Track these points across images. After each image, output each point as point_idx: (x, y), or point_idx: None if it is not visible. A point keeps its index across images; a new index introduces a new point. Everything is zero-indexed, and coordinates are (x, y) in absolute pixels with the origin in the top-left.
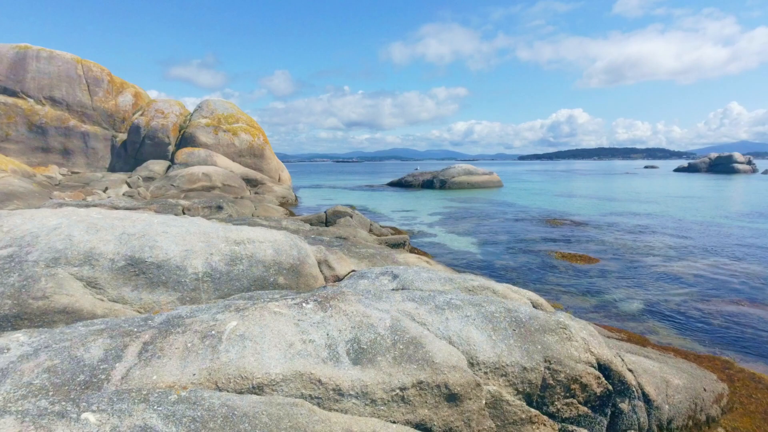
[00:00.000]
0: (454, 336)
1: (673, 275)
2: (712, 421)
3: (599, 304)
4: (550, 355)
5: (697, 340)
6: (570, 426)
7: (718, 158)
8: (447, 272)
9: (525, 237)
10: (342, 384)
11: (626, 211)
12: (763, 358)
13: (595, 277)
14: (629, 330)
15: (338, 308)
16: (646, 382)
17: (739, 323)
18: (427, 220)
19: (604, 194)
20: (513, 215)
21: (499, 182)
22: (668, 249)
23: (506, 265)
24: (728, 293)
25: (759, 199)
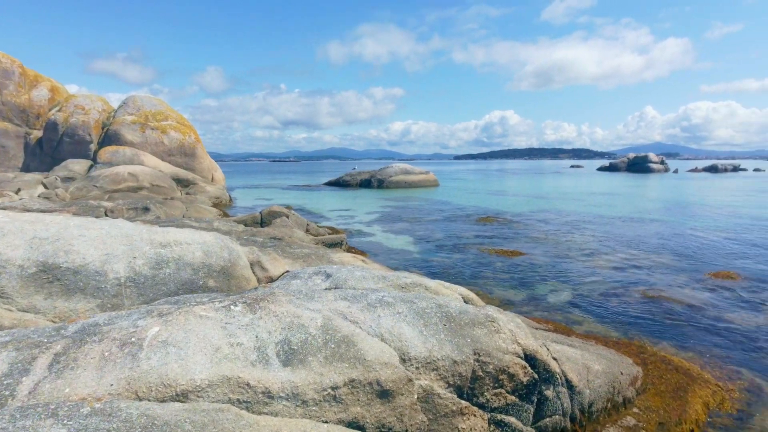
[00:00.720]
0: (386, 333)
1: (595, 268)
2: (628, 402)
3: (529, 297)
4: (479, 348)
5: (616, 327)
6: (499, 415)
7: (636, 158)
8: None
9: (460, 234)
10: (272, 386)
11: (554, 208)
12: (672, 341)
13: (525, 271)
14: (555, 321)
15: (268, 309)
16: (569, 369)
17: (652, 310)
18: (364, 219)
19: (534, 192)
20: (449, 213)
21: (436, 181)
22: (591, 243)
23: (442, 262)
24: (643, 283)
25: (670, 196)
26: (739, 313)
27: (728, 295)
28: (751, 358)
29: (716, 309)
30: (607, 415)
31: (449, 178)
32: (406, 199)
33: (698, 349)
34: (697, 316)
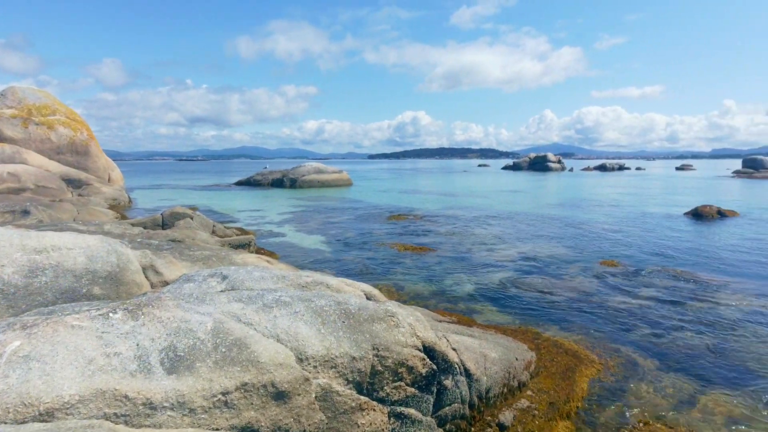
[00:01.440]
0: (282, 333)
1: (497, 260)
2: (523, 385)
3: (436, 291)
4: (378, 343)
5: (515, 316)
6: (399, 408)
7: (536, 158)
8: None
9: (372, 232)
10: (154, 397)
11: (462, 205)
12: (563, 325)
13: (433, 266)
14: (459, 312)
15: (152, 315)
16: (468, 358)
17: (547, 297)
18: (276, 220)
19: (444, 190)
20: (361, 212)
21: (349, 181)
22: (494, 237)
23: (353, 260)
24: (540, 273)
25: (566, 193)
26: (619, 297)
27: (611, 281)
28: (628, 336)
29: (601, 294)
30: (504, 399)
31: (363, 177)
32: (319, 199)
33: (585, 331)
34: (585, 301)
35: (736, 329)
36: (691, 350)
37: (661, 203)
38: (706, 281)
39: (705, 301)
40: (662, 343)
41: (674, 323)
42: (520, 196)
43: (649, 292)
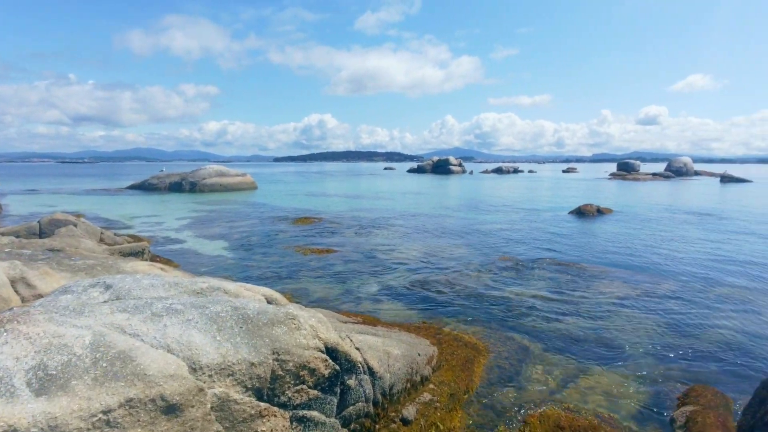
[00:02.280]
0: (173, 343)
1: (402, 259)
2: (425, 379)
3: (341, 292)
4: (278, 347)
5: (419, 312)
6: (301, 411)
7: (439, 161)
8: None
9: (277, 236)
10: (19, 422)
11: (368, 207)
12: (462, 318)
13: (340, 267)
14: (364, 312)
15: (17, 332)
16: (371, 357)
17: (449, 293)
18: (174, 225)
19: (351, 193)
20: (266, 216)
21: (254, 184)
22: (399, 238)
23: (257, 264)
24: (442, 270)
25: (466, 195)
26: (512, 289)
27: (505, 275)
28: (520, 325)
29: (496, 287)
30: (407, 395)
31: (268, 180)
32: (222, 203)
33: (482, 323)
34: (482, 295)
35: (611, 313)
36: (574, 333)
37: (550, 203)
38: (587, 271)
39: (586, 288)
40: (549, 328)
41: (560, 310)
42: (424, 198)
43: (538, 284)
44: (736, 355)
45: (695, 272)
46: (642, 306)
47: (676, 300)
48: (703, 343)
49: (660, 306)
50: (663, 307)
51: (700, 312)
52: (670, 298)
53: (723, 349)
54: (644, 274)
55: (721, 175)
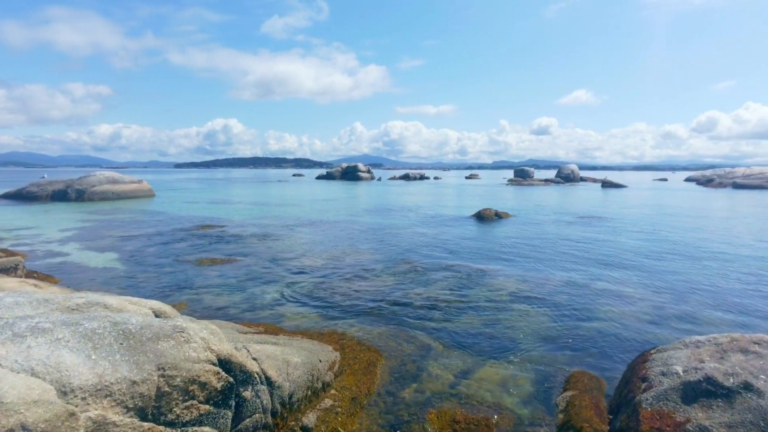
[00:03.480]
0: (38, 365)
1: (307, 267)
2: (327, 386)
3: (242, 302)
4: (164, 362)
5: (324, 319)
6: (192, 428)
7: (348, 168)
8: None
9: (176, 246)
10: None
11: (274, 214)
12: (367, 322)
13: (241, 276)
14: (267, 322)
15: None
16: (269, 366)
17: (354, 297)
18: (57, 238)
19: (258, 200)
20: (164, 225)
21: (151, 191)
22: (305, 244)
23: (150, 276)
24: (347, 275)
25: (374, 201)
26: (416, 290)
27: (410, 277)
28: (422, 324)
29: (401, 290)
30: (308, 402)
31: (168, 187)
32: (114, 212)
33: (386, 325)
34: (387, 298)
35: (505, 309)
36: (472, 330)
37: (453, 208)
38: (484, 271)
39: (483, 287)
40: (449, 326)
41: (459, 308)
42: (332, 205)
43: (439, 284)
44: (611, 342)
45: (579, 269)
46: (532, 301)
47: (561, 295)
48: (584, 332)
49: (548, 300)
50: (550, 301)
51: (582, 305)
52: (556, 293)
53: (601, 337)
54: (535, 272)
55: (602, 180)
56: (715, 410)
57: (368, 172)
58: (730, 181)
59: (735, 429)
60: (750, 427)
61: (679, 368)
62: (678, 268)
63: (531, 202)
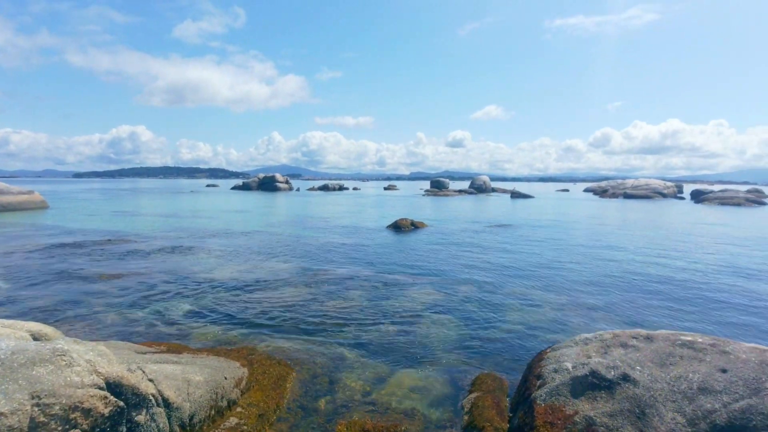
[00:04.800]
0: None
1: (218, 280)
2: (233, 403)
3: (145, 321)
4: (40, 389)
5: (233, 334)
6: None
7: (265, 178)
8: None
9: (71, 262)
10: None
11: (185, 227)
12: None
13: (146, 293)
14: (173, 340)
15: None
16: (167, 387)
17: (265, 312)
18: None
19: (167, 211)
20: (59, 239)
21: (44, 203)
22: (216, 257)
23: (36, 296)
24: (259, 288)
25: (292, 212)
26: (331, 302)
27: (325, 289)
28: (337, 336)
29: (311, 302)
30: (212, 422)
31: (66, 198)
32: None
33: (299, 338)
34: (300, 311)
35: (419, 317)
36: (386, 339)
37: (371, 218)
38: (399, 280)
39: (398, 297)
40: (364, 336)
41: (374, 318)
42: (248, 216)
43: (355, 294)
44: (516, 344)
45: (489, 275)
46: (445, 308)
47: (472, 301)
48: (492, 336)
49: (459, 307)
50: (462, 307)
51: (491, 309)
52: (467, 300)
53: (507, 340)
54: (448, 279)
55: (511, 191)
56: (599, 401)
57: (286, 183)
58: (622, 191)
59: (615, 417)
60: (628, 414)
61: (569, 364)
62: (577, 273)
63: (446, 212)
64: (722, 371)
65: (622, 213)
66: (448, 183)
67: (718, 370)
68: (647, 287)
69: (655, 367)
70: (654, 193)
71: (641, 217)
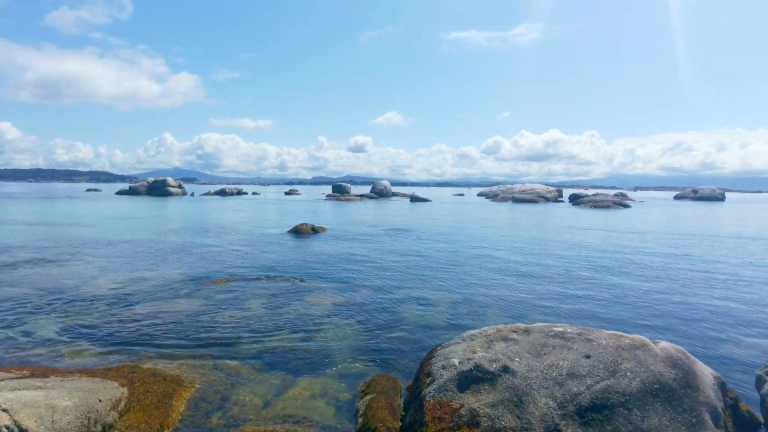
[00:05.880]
0: None
1: (100, 294)
2: (110, 427)
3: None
4: None
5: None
6: None
7: (155, 182)
8: None
9: None
10: None
11: (61, 236)
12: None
13: (9, 312)
14: (41, 363)
15: None
16: (26, 416)
17: (152, 326)
18: None
19: (37, 219)
20: None
21: None
22: (97, 269)
23: None
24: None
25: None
26: (227, 312)
27: (219, 298)
28: (232, 348)
29: (209, 313)
30: None
31: None
32: None
33: (188, 352)
34: (193, 322)
35: (319, 323)
36: (286, 347)
37: (271, 223)
38: (299, 286)
39: (298, 303)
40: (262, 346)
41: (273, 326)
42: (135, 223)
43: (253, 303)
44: (412, 343)
45: (388, 277)
46: (345, 313)
47: (371, 304)
48: (391, 337)
49: (359, 311)
50: (361, 311)
51: (389, 311)
52: (367, 303)
53: (404, 339)
54: (348, 283)
55: (411, 196)
56: (482, 393)
57: (179, 187)
58: (511, 195)
59: (496, 407)
60: (507, 403)
61: (456, 360)
62: (470, 272)
63: (347, 216)
64: (586, 357)
65: (510, 215)
66: (349, 187)
67: (583, 356)
68: (531, 283)
69: (531, 357)
70: (538, 197)
71: (527, 219)
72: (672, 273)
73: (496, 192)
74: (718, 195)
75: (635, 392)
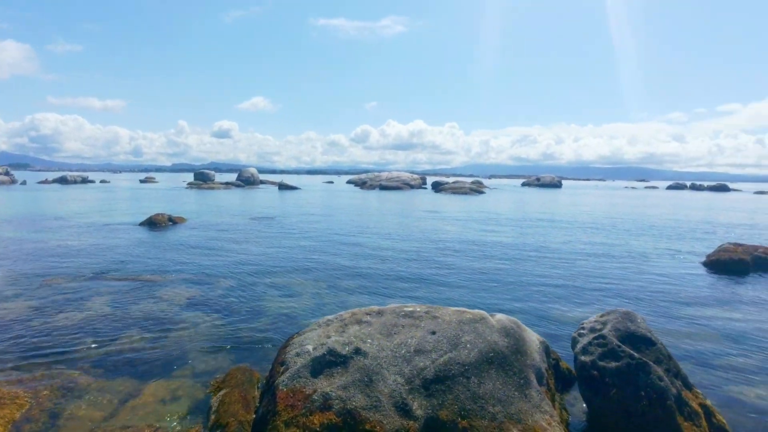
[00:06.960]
0: None
1: None
2: None
3: None
4: None
5: None
6: None
7: None
8: None
9: None
10: None
11: None
12: None
13: None
14: None
15: None
16: None
17: None
18: None
19: None
20: None
21: None
22: None
23: None
24: None
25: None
26: (63, 314)
27: (56, 299)
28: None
29: (41, 317)
30: None
31: None
32: None
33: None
34: (18, 329)
35: (175, 320)
36: (134, 350)
37: (122, 215)
38: (152, 282)
39: (150, 300)
40: (105, 352)
41: (119, 328)
42: None
43: (95, 303)
44: (273, 333)
45: (250, 267)
46: (202, 307)
47: (230, 297)
48: (251, 327)
49: (218, 303)
50: (220, 304)
51: (251, 301)
52: (226, 295)
53: (265, 329)
54: (207, 275)
55: (279, 183)
56: (335, 377)
57: (6, 174)
58: (378, 183)
59: (348, 388)
60: (359, 383)
61: (310, 347)
62: (335, 259)
63: (210, 206)
64: (432, 333)
65: (377, 203)
66: (213, 175)
67: (430, 332)
68: (393, 267)
69: (383, 337)
70: (404, 184)
71: (393, 206)
72: (511, 252)
73: (365, 180)
74: (556, 182)
75: (474, 362)
